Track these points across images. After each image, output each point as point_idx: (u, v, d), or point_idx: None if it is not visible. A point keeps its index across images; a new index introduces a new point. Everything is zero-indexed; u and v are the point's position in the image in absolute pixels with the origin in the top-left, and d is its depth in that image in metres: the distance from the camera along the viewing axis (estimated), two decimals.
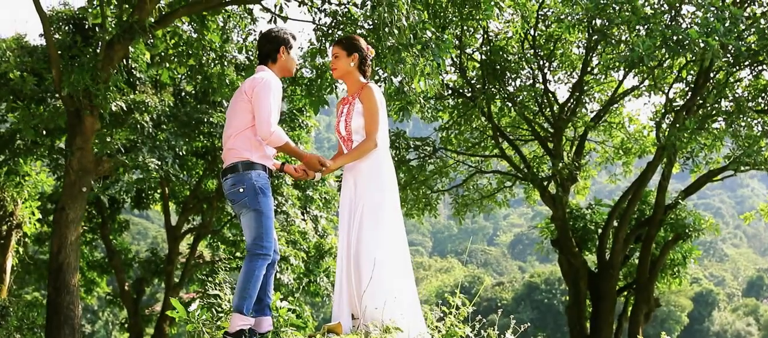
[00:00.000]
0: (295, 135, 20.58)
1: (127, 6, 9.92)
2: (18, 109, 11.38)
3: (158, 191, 21.65)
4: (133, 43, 9.77)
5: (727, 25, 11.91)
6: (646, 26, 12.79)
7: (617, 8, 12.79)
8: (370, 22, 9.75)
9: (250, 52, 13.06)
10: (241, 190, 4.77)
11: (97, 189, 11.24)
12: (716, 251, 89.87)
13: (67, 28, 14.51)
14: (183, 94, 18.39)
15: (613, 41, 13.87)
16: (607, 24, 13.17)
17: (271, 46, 5.01)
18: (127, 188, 21.83)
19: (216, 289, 5.29)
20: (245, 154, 4.81)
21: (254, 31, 12.87)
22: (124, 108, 9.90)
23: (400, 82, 9.87)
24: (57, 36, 12.98)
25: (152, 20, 9.88)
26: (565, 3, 14.80)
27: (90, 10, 11.04)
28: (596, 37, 15.65)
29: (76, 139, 9.88)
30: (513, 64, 16.53)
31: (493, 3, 10.14)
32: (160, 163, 11.90)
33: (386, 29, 7.89)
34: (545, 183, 17.98)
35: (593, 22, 14.64)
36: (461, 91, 18.00)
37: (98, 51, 9.98)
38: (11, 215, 14.63)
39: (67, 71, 9.28)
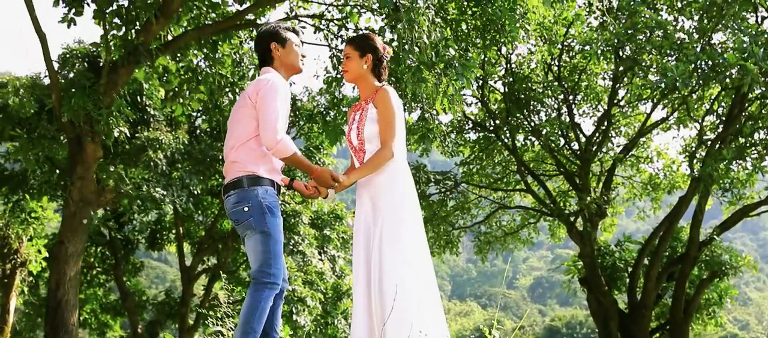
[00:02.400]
0: None
1: (132, 28, 9.45)
2: (18, 137, 10.88)
3: (173, 231, 21.24)
4: (139, 66, 9.28)
5: (763, 50, 11.30)
6: (677, 53, 12.23)
7: (648, 33, 12.25)
8: (392, 49, 9.24)
9: None
10: (246, 209, 4.16)
11: (98, 221, 10.67)
12: (740, 295, 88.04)
13: (82, 66, 14.21)
14: (198, 131, 18.05)
15: (643, 66, 13.27)
16: (636, 50, 12.58)
17: (263, 47, 4.45)
18: (141, 227, 21.48)
19: (218, 325, 4.69)
20: (250, 167, 4.20)
21: None
22: (128, 134, 9.31)
23: (421, 109, 9.32)
24: (71, 75, 12.62)
25: (160, 41, 9.41)
26: (591, 30, 14.30)
27: (103, 45, 10.61)
28: (623, 67, 15.14)
29: (76, 168, 9.33)
30: (538, 94, 15.96)
31: (518, 25, 9.62)
32: (165, 193, 11.33)
33: (406, 47, 7.34)
34: (572, 218, 17.29)
35: (621, 50, 14.13)
36: (483, 123, 17.47)
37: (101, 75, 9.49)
38: (15, 253, 14.11)
39: (68, 95, 8.78)
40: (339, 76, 11.53)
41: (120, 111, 8.72)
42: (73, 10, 9.74)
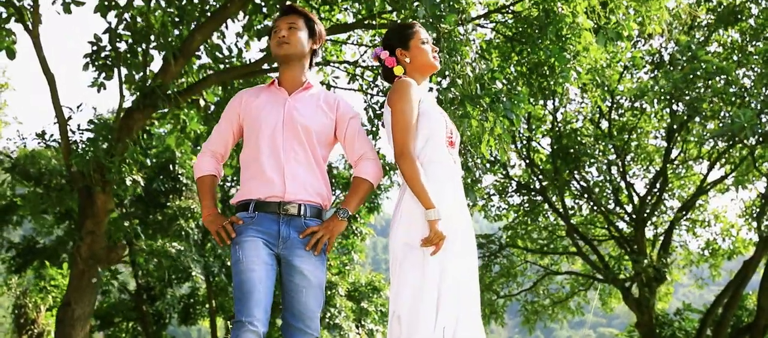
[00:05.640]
0: (349, 243, 19.38)
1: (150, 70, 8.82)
2: (29, 196, 10.27)
3: (206, 305, 20.60)
4: (155, 111, 8.61)
5: None
6: (740, 100, 11.33)
7: (707, 81, 11.38)
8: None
9: None
10: None
11: (106, 279, 9.94)
12: None
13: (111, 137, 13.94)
14: (230, 200, 17.59)
15: (703, 115, 12.37)
16: (695, 97, 11.67)
17: None
18: (172, 301, 20.81)
19: None
20: None
21: None
22: (142, 183, 8.61)
23: (465, 156, 8.47)
24: (105, 146, 12.21)
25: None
26: (642, 83, 13.53)
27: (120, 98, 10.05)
28: (676, 123, 14.29)
29: (86, 222, 8.61)
30: (588, 148, 15.05)
31: (569, 66, 8.80)
32: (182, 249, 10.57)
33: (448, 79, 6.58)
34: (627, 284, 16.13)
35: (674, 104, 13.30)
36: (528, 185, 16.58)
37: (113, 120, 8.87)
38: (33, 323, 13.46)
39: (75, 151, 8.12)
40: (375, 129, 10.77)
41: (133, 158, 8.04)
42: (103, 75, 9.23)
